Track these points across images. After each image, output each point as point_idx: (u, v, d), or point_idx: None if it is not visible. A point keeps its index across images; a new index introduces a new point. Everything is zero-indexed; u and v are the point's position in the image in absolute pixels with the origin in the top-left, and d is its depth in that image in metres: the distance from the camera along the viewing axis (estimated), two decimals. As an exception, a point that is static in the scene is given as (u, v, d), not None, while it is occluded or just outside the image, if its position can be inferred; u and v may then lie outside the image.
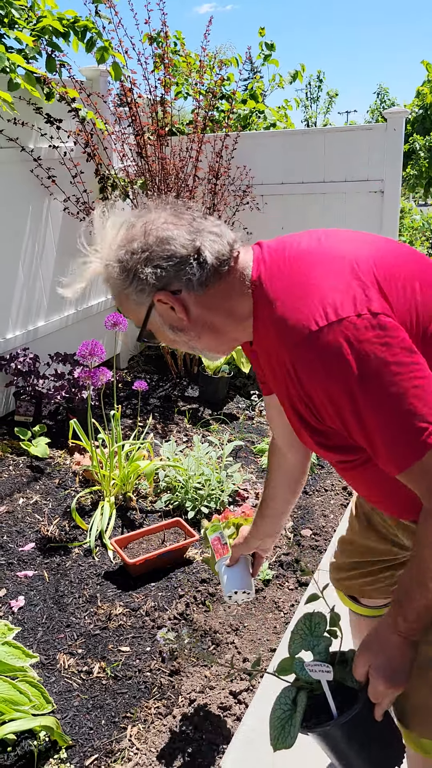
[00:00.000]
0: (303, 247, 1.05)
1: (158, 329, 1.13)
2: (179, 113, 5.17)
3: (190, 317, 1.09)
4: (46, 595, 2.28)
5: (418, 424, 0.91)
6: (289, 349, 0.97)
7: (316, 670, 1.10)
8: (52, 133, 3.48)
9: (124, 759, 1.68)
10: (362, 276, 0.97)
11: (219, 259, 1.05)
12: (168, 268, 1.05)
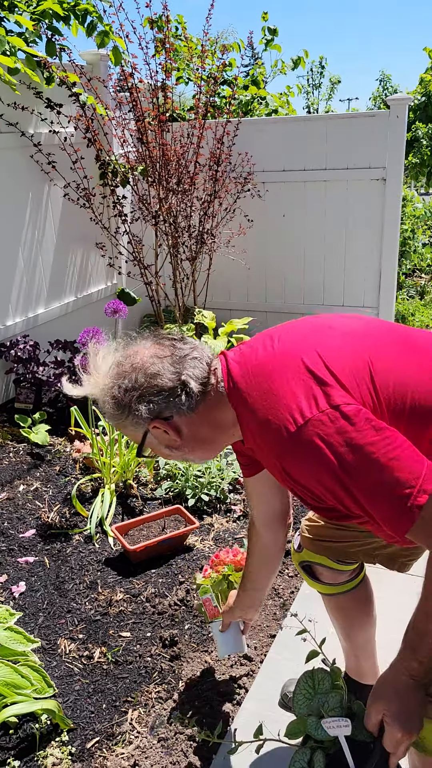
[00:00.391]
0: (260, 356, 1.17)
1: (155, 447, 1.26)
2: (180, 99, 5.13)
3: (182, 437, 1.21)
4: (47, 580, 2.29)
5: (403, 491, 0.99)
6: (275, 456, 1.09)
7: (334, 726, 1.09)
8: (53, 118, 3.45)
9: (125, 742, 1.70)
10: (316, 372, 1.07)
11: (202, 383, 1.18)
12: (159, 402, 1.17)
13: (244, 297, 4.64)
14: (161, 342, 1.22)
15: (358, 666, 1.66)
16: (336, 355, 1.11)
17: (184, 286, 4.22)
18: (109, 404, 1.20)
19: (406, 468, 0.99)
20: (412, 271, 6.58)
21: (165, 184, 3.85)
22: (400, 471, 0.99)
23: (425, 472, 1.00)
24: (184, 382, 1.17)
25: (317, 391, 1.05)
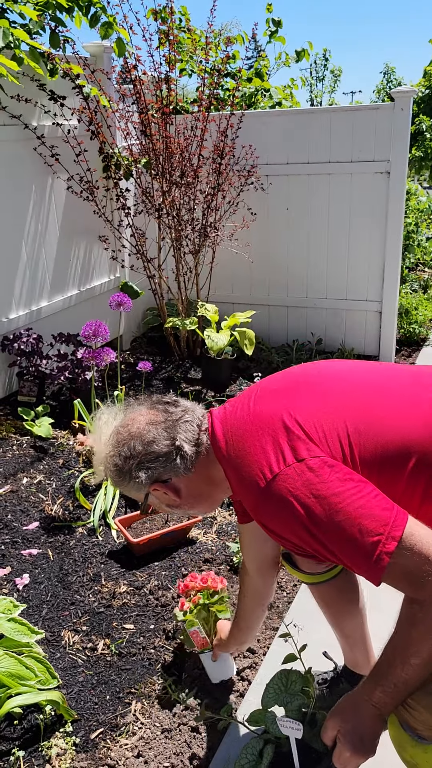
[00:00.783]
0: (238, 417, 1.24)
1: (157, 506, 1.36)
2: (184, 91, 5.11)
3: (181, 496, 1.30)
4: (51, 573, 2.30)
5: (371, 539, 1.02)
6: (254, 511, 1.15)
7: (287, 726, 1.15)
8: (56, 111, 3.44)
9: (129, 733, 1.71)
10: (286, 429, 1.13)
11: (195, 444, 1.27)
12: (156, 467, 1.27)
13: (247, 290, 4.64)
14: (155, 407, 1.33)
15: (353, 656, 1.67)
16: (308, 413, 1.15)
17: (187, 280, 4.21)
18: (111, 471, 1.31)
19: (374, 516, 1.02)
20: (415, 265, 6.57)
21: (168, 177, 3.83)
22: (367, 519, 1.02)
23: (393, 518, 1.02)
24: (179, 447, 1.26)
25: (285, 446, 1.11)
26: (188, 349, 4.35)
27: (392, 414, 1.15)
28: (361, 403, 1.17)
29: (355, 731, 1.10)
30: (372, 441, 1.12)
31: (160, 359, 4.33)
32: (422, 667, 1.03)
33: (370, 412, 1.15)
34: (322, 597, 1.59)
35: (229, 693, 1.83)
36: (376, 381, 1.24)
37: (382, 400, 1.18)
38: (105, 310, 3.82)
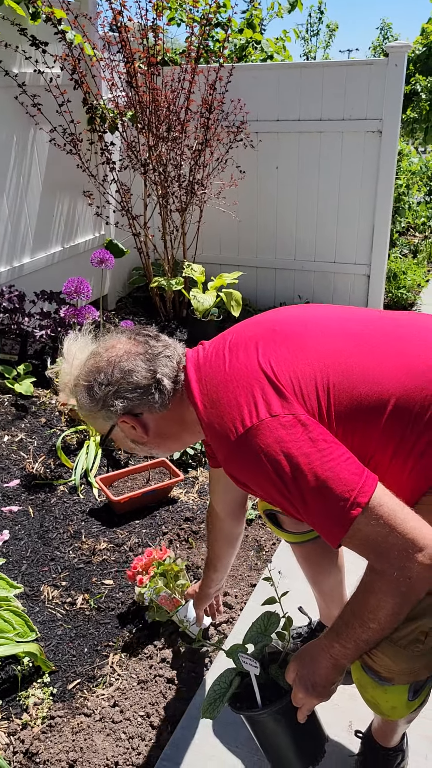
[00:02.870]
0: (213, 364, 1.20)
1: (120, 440, 1.30)
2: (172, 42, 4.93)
3: (149, 433, 1.25)
4: (31, 530, 2.30)
5: (337, 503, 1.01)
6: (224, 461, 1.13)
7: (247, 663, 1.22)
8: (38, 57, 3.30)
9: (106, 684, 1.74)
10: (261, 382, 1.10)
11: (173, 380, 1.23)
12: (133, 398, 1.22)
13: (235, 251, 4.57)
14: (136, 338, 1.27)
15: (328, 612, 1.70)
16: (284, 365, 1.12)
17: (173, 239, 4.14)
18: (83, 396, 1.24)
19: (342, 480, 1.01)
20: (406, 230, 6.50)
21: (155, 131, 3.73)
22: (334, 482, 1.01)
23: (361, 484, 1.00)
24: (159, 381, 1.21)
25: (259, 400, 1.08)
26: (174, 309, 4.30)
27: (370, 365, 1.12)
28: (339, 354, 1.13)
29: (308, 677, 1.15)
30: (348, 394, 1.09)
31: (145, 320, 4.29)
32: (379, 631, 1.05)
33: (347, 363, 1.12)
34: (304, 556, 1.60)
35: (206, 647, 1.86)
36: (355, 330, 1.19)
37: (360, 349, 1.14)
38: (89, 269, 3.75)
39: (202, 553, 2.23)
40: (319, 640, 1.16)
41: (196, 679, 1.76)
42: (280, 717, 1.22)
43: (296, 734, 1.25)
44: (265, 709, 1.22)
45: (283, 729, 1.24)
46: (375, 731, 1.42)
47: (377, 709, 1.18)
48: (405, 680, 1.11)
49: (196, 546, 2.27)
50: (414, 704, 1.16)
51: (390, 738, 1.39)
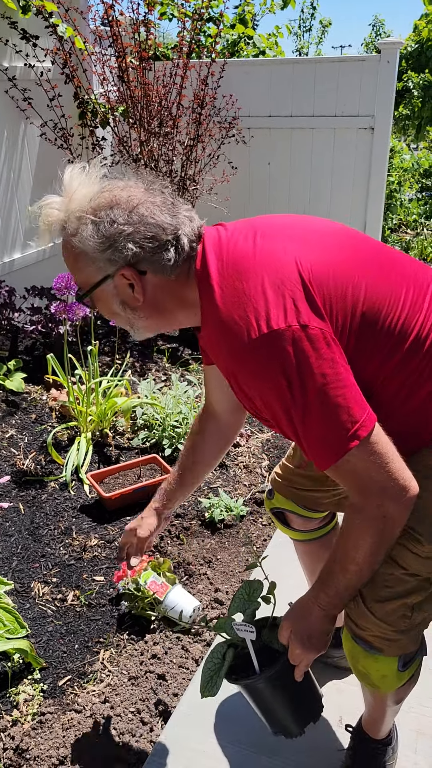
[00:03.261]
0: (239, 249, 1.06)
1: (105, 299, 1.11)
2: (163, 36, 4.91)
3: (145, 298, 1.09)
4: (21, 526, 2.30)
5: (338, 431, 0.99)
6: (230, 356, 1.03)
7: (242, 630, 1.22)
8: (28, 51, 3.28)
9: (97, 680, 1.74)
10: (293, 283, 1.00)
11: (192, 245, 1.08)
12: (147, 249, 1.04)
13: (227, 247, 4.56)
14: (154, 189, 1.09)
15: None
16: (321, 270, 1.02)
17: (165, 235, 4.12)
18: (88, 232, 1.04)
19: (348, 410, 0.99)
20: (397, 226, 6.51)
21: (146, 127, 3.71)
22: (341, 410, 0.98)
23: (364, 418, 1.00)
24: (179, 238, 1.05)
25: (289, 303, 0.98)
26: (165, 305, 4.29)
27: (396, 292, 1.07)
28: (368, 274, 1.06)
29: (304, 631, 1.16)
30: (373, 317, 1.04)
31: (136, 316, 4.27)
32: (358, 573, 1.09)
33: (376, 285, 1.05)
34: (308, 552, 1.61)
35: (196, 642, 1.86)
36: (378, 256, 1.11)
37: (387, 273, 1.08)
38: (80, 264, 3.74)
39: (193, 549, 2.23)
40: (306, 595, 1.18)
41: (186, 675, 1.76)
42: (279, 679, 1.23)
43: (295, 694, 1.27)
44: (264, 674, 1.22)
45: (282, 691, 1.25)
46: (365, 722, 1.43)
47: (368, 680, 1.20)
48: (394, 651, 1.15)
49: (187, 542, 2.27)
50: (404, 676, 1.19)
51: (379, 728, 1.40)
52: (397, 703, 1.31)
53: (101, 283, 1.08)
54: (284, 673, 1.22)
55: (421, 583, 1.13)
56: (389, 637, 1.13)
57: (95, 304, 1.13)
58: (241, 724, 1.60)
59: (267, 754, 1.52)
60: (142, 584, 1.88)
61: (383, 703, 1.30)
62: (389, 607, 1.12)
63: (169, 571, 2.01)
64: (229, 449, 1.57)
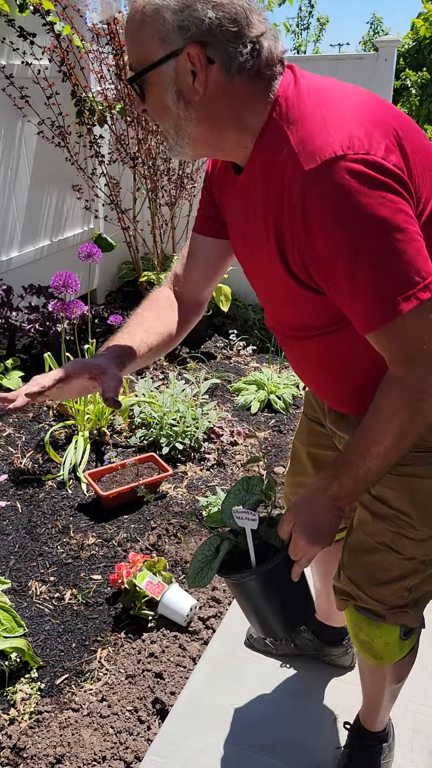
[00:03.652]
0: (323, 82, 0.98)
1: (160, 85, 0.95)
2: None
3: (205, 94, 0.95)
4: (19, 525, 2.30)
5: (401, 286, 0.89)
6: (304, 175, 0.89)
7: (243, 517, 1.12)
8: (26, 49, 3.27)
9: (94, 679, 1.74)
10: (385, 128, 0.91)
11: (268, 57, 0.95)
12: (224, 30, 0.91)
13: (224, 246, 4.56)
14: None
15: (330, 609, 1.69)
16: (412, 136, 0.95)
17: (162, 233, 4.12)
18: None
19: (415, 266, 0.89)
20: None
21: (144, 124, 3.70)
22: (407, 264, 0.88)
23: (430, 281, 0.90)
24: (260, 42, 0.94)
25: (379, 139, 0.88)
26: (163, 304, 4.28)
27: None
28: None
29: (310, 523, 1.09)
30: None
31: (134, 314, 4.26)
32: (382, 457, 1.01)
33: None
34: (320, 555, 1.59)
35: (194, 641, 1.86)
36: None
37: None
38: (78, 262, 3.71)
39: (191, 548, 2.24)
40: (313, 487, 1.11)
41: (184, 673, 1.76)
42: (275, 576, 1.14)
43: (289, 594, 1.19)
44: (260, 568, 1.14)
45: (276, 589, 1.17)
46: (362, 714, 1.44)
47: (371, 650, 1.22)
48: (396, 620, 1.18)
49: (185, 540, 2.28)
50: (405, 646, 1.22)
51: (375, 719, 1.41)
52: (396, 682, 1.32)
53: (162, 62, 0.93)
54: (281, 571, 1.14)
55: (417, 565, 1.16)
56: (391, 607, 1.17)
57: (145, 92, 0.98)
58: (238, 722, 1.60)
59: (264, 753, 1.52)
60: (139, 586, 1.88)
61: (383, 682, 1.31)
62: (386, 591, 1.15)
63: (165, 570, 2.01)
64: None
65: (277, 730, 1.58)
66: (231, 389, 3.40)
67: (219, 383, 3.41)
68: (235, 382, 3.45)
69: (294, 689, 1.69)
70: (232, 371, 3.63)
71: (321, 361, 1.14)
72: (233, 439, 2.88)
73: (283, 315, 1.13)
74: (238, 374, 3.59)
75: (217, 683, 1.71)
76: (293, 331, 1.13)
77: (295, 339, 1.14)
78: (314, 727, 1.59)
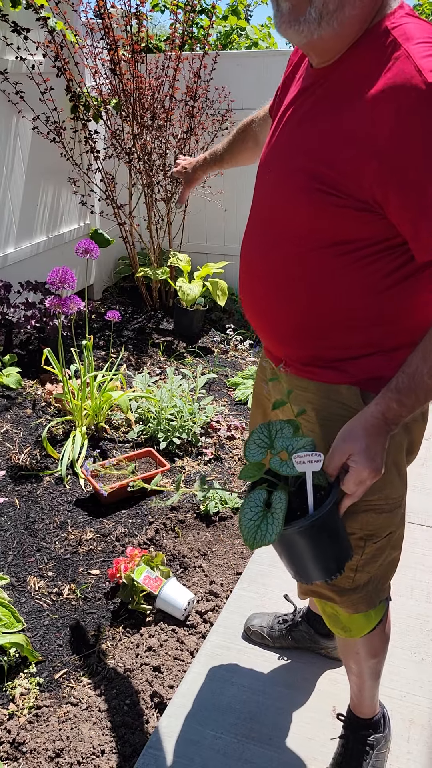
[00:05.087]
0: None
1: None
2: (156, 28, 4.88)
3: None
4: (17, 521, 2.30)
5: None
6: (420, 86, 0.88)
7: (305, 461, 1.01)
8: (19, 44, 3.26)
9: (92, 673, 1.75)
10: None
11: None
12: None
13: (221, 240, 4.56)
14: None
15: None
16: None
17: (159, 228, 4.12)
18: None
19: None
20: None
21: (139, 120, 3.69)
22: None
23: None
24: None
25: None
26: (160, 299, 4.29)
27: None
28: None
29: (369, 449, 1.02)
30: None
31: (132, 309, 4.27)
32: None
33: None
34: None
35: (191, 635, 1.87)
36: None
37: None
38: (75, 258, 3.72)
39: (189, 542, 2.24)
40: (365, 411, 1.04)
41: (182, 666, 1.77)
42: (332, 515, 1.04)
43: (339, 531, 1.09)
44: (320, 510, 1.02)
45: (331, 527, 1.06)
46: (352, 703, 1.46)
47: (338, 623, 1.24)
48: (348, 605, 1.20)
49: (182, 535, 2.28)
50: (372, 617, 1.24)
51: (363, 703, 1.42)
52: (372, 657, 1.33)
53: None
54: (334, 510, 1.05)
55: (356, 542, 1.14)
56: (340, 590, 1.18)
57: None
58: (236, 714, 1.61)
59: (262, 744, 1.53)
60: (137, 581, 1.89)
61: (358, 658, 1.32)
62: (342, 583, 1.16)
63: (163, 564, 2.02)
64: None
65: (274, 722, 1.59)
66: (228, 384, 3.40)
67: (216, 378, 3.41)
68: (232, 377, 3.45)
69: (291, 681, 1.70)
70: (229, 366, 3.63)
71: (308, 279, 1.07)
72: (230, 433, 2.88)
73: (288, 216, 1.06)
74: (235, 369, 3.59)
75: (215, 676, 1.72)
76: (295, 239, 1.06)
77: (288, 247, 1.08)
78: (311, 719, 1.60)
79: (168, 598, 1.89)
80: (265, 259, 1.13)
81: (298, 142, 1.05)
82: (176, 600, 1.89)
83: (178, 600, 1.89)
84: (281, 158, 1.09)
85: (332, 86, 1.01)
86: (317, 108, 1.03)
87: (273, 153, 1.12)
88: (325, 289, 1.06)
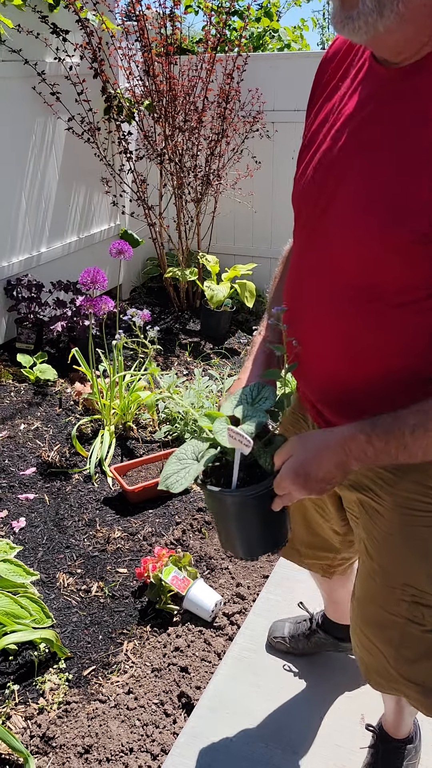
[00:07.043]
0: None
1: None
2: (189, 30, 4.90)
3: None
4: (47, 517, 2.33)
5: None
6: None
7: (237, 439, 0.96)
8: (58, 45, 3.30)
9: (120, 671, 1.77)
10: None
11: None
12: None
13: (249, 242, 4.56)
14: None
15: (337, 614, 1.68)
16: None
17: (188, 229, 4.13)
18: None
19: None
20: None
21: (171, 121, 3.71)
22: None
23: None
24: None
25: None
26: (187, 300, 4.31)
27: None
28: None
29: (305, 465, 0.94)
30: None
31: (159, 310, 4.29)
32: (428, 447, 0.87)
33: None
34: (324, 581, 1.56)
35: (218, 637, 1.88)
36: None
37: None
38: (104, 258, 3.76)
39: (215, 543, 2.25)
40: (338, 430, 0.93)
41: (209, 668, 1.78)
42: (256, 500, 1.02)
43: (264, 521, 1.05)
44: (242, 492, 1.00)
45: (251, 513, 1.04)
46: (385, 723, 1.44)
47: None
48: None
49: (209, 536, 2.29)
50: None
51: (400, 727, 1.41)
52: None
53: None
54: (262, 498, 1.01)
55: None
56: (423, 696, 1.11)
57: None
58: (263, 719, 1.61)
59: (289, 751, 1.53)
60: (164, 581, 1.90)
61: (402, 708, 1.31)
62: (417, 667, 1.09)
63: (190, 565, 2.03)
64: None
65: (302, 728, 1.59)
66: (255, 386, 3.39)
67: (243, 380, 3.41)
68: (259, 379, 3.45)
69: (317, 688, 1.70)
70: (256, 368, 3.63)
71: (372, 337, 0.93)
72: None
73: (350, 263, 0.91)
74: (262, 371, 3.59)
75: (242, 679, 1.72)
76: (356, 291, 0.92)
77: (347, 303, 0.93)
78: (340, 726, 1.60)
79: (196, 599, 1.90)
80: (322, 316, 0.98)
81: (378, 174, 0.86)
82: (204, 601, 1.90)
83: (205, 601, 1.90)
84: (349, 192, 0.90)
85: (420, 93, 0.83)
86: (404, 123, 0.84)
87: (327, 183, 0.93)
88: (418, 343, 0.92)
